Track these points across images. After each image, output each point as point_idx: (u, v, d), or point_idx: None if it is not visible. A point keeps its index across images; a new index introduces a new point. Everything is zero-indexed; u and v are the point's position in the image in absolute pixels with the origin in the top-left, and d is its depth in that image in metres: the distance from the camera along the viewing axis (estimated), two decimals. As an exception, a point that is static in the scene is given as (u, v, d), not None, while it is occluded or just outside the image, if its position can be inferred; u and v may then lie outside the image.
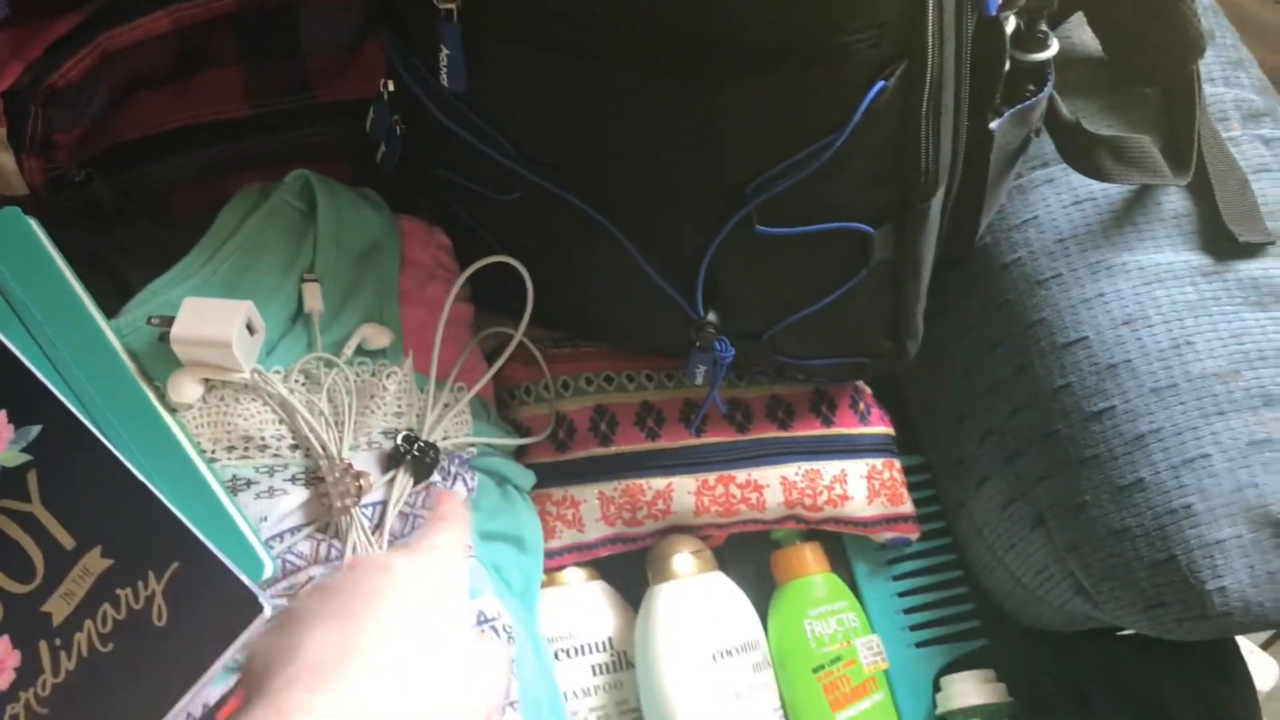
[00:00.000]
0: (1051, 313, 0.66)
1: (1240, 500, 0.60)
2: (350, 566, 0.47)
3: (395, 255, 0.64)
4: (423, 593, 0.46)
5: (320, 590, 0.46)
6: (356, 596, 0.45)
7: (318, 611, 0.44)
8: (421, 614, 0.45)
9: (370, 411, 0.60)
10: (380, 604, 0.44)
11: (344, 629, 0.43)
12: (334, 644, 0.42)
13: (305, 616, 0.44)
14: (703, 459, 0.70)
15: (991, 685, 0.70)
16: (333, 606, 0.44)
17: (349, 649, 0.42)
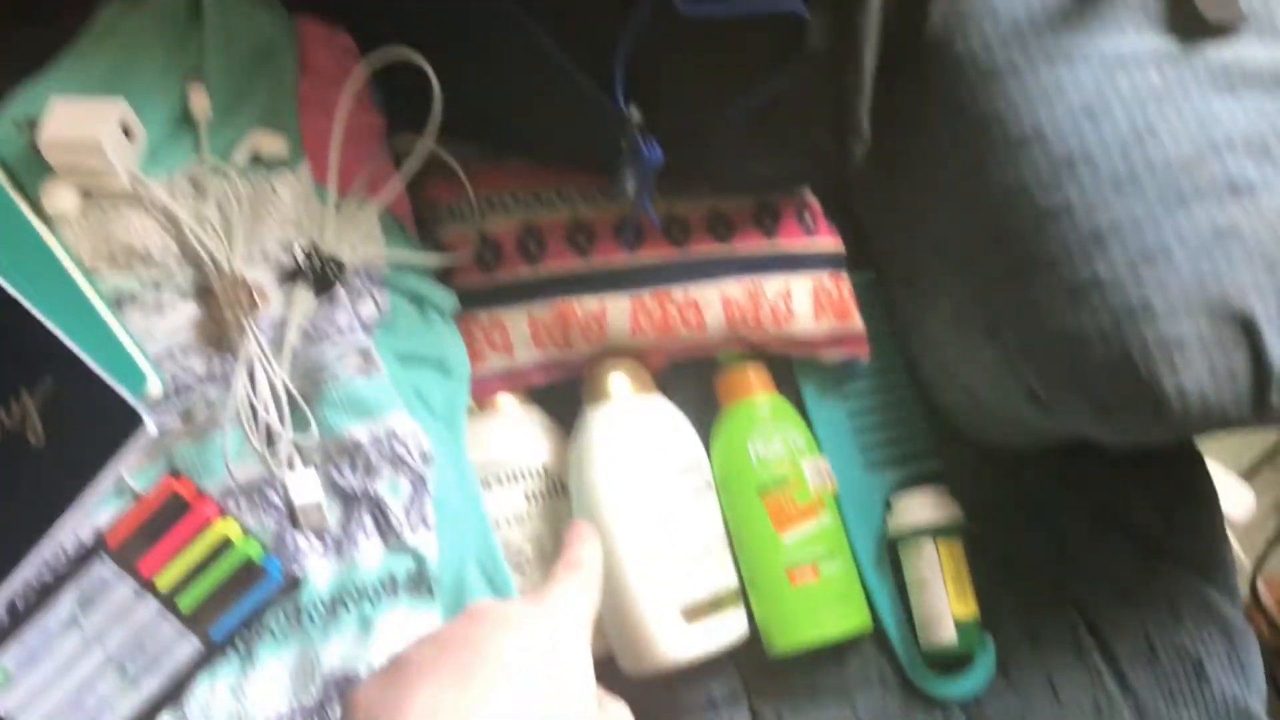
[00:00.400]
0: (1005, 107, 0.61)
1: (1202, 294, 0.56)
2: (470, 616, 0.43)
3: (292, 58, 0.60)
4: (550, 657, 0.42)
5: (438, 643, 0.42)
6: (475, 653, 0.41)
7: (429, 665, 0.40)
8: (543, 677, 0.41)
9: (263, 221, 0.56)
10: (500, 663, 0.40)
11: (461, 696, 0.39)
12: (448, 703, 0.38)
13: (418, 668, 0.40)
14: (638, 277, 0.66)
15: (943, 503, 0.67)
16: (447, 660, 0.40)
17: (463, 710, 0.38)
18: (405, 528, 0.53)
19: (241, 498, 0.53)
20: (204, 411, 0.53)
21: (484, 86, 0.62)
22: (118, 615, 0.50)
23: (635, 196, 0.61)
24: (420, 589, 0.53)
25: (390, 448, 0.54)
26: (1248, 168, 0.58)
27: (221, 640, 0.50)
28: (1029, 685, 0.66)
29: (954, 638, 0.65)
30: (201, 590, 0.50)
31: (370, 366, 0.55)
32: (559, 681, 0.41)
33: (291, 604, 0.52)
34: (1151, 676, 0.65)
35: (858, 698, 0.67)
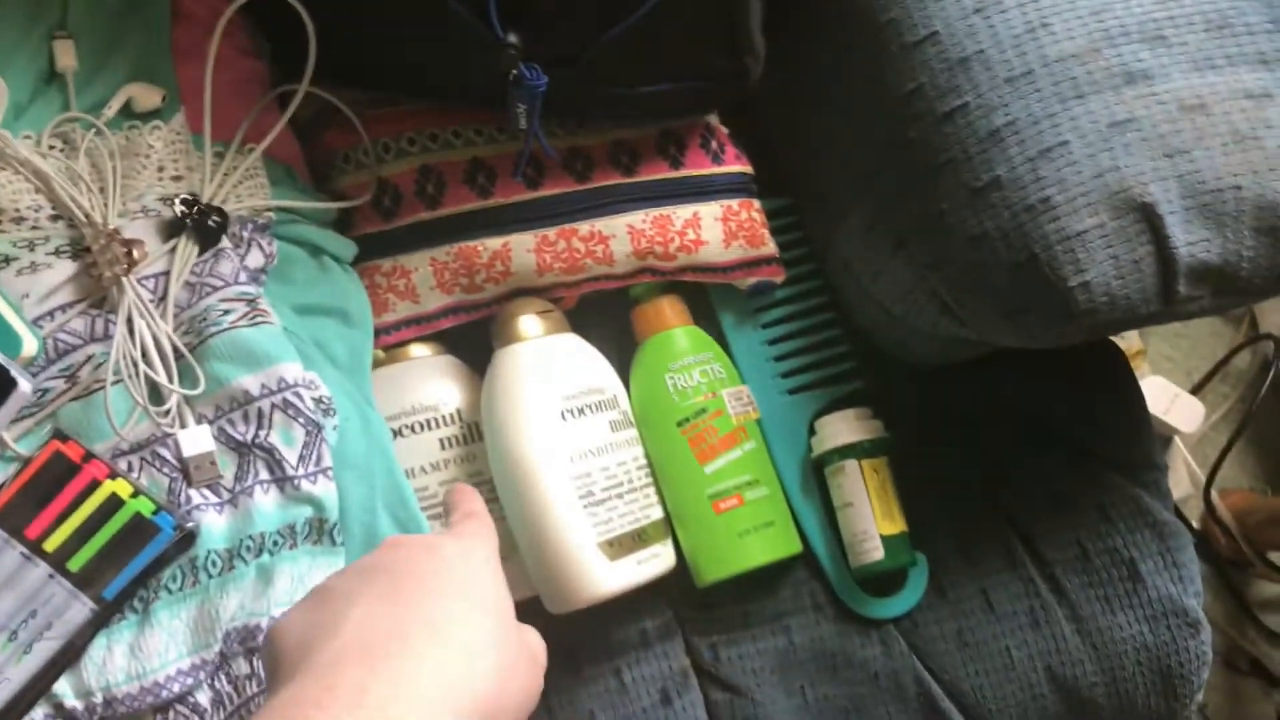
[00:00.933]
0: (899, 10, 0.60)
1: (1101, 186, 0.55)
2: (392, 545, 0.44)
3: (165, 7, 0.58)
4: (472, 576, 0.43)
5: (360, 570, 0.42)
6: (403, 576, 0.41)
7: (360, 590, 0.40)
8: (472, 597, 0.42)
9: (138, 174, 0.54)
10: (431, 584, 0.41)
11: (393, 609, 0.39)
12: (383, 624, 0.39)
13: (345, 594, 0.40)
14: (541, 213, 0.65)
15: (866, 422, 0.66)
16: (376, 587, 0.41)
17: (400, 629, 0.38)
18: (301, 476, 0.52)
19: (133, 456, 0.52)
20: (89, 372, 0.52)
21: (366, 27, 0.61)
22: (5, 581, 0.49)
23: (527, 128, 0.59)
24: (321, 537, 0.52)
25: (281, 396, 0.53)
26: (1143, 55, 0.57)
27: (115, 600, 0.49)
28: (963, 599, 0.66)
29: (881, 555, 0.64)
30: (92, 550, 0.49)
31: (258, 316, 0.54)
32: (480, 593, 0.42)
33: (188, 560, 0.51)
34: (1085, 581, 0.65)
35: (791, 623, 0.66)
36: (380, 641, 0.38)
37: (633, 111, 0.66)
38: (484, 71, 0.57)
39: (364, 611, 0.39)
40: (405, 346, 0.65)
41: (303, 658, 0.38)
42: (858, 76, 0.62)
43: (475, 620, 0.41)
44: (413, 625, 0.39)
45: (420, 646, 0.38)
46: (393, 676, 0.36)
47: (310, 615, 0.40)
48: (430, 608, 0.40)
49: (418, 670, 0.37)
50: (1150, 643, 0.64)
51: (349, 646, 0.38)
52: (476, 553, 0.45)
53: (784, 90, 0.68)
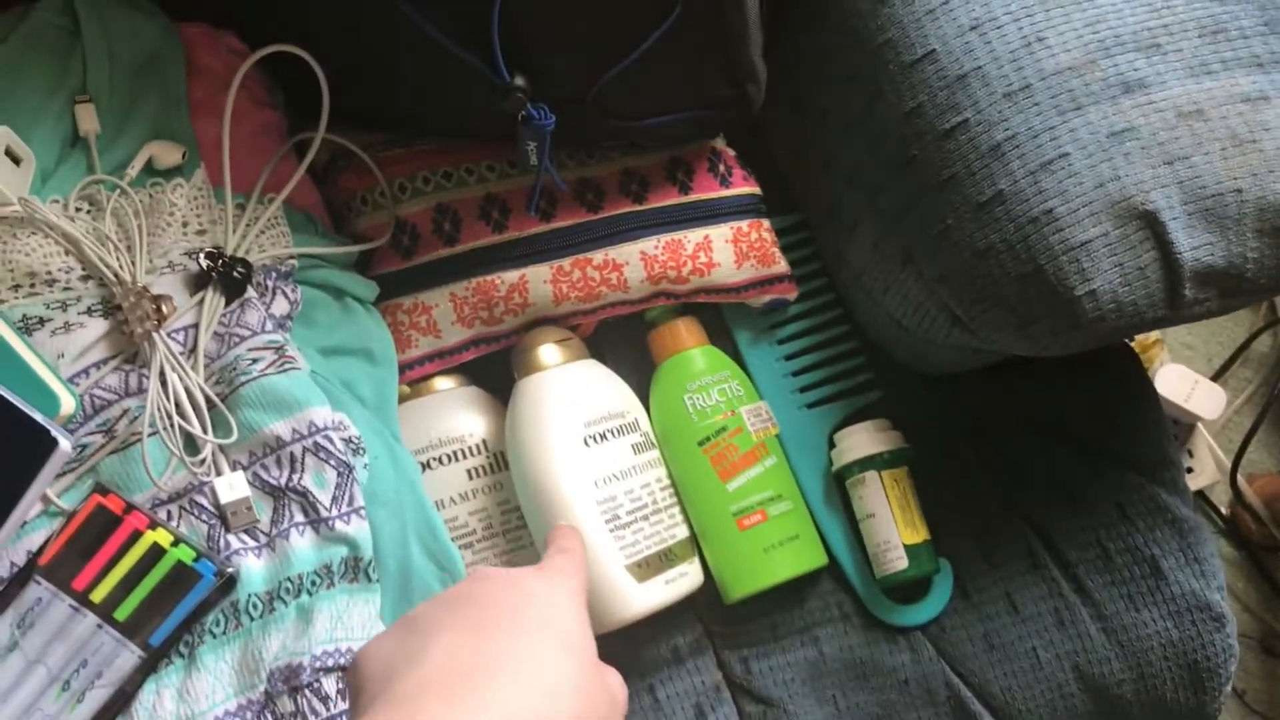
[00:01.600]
0: (896, 31, 0.61)
1: (1103, 196, 0.56)
2: (480, 578, 0.44)
3: (179, 65, 0.60)
4: (558, 614, 0.43)
5: (447, 600, 0.43)
6: (488, 609, 0.42)
7: (446, 621, 0.41)
8: (557, 636, 0.42)
9: (163, 231, 0.56)
10: (516, 620, 0.42)
11: (478, 642, 0.40)
12: (466, 656, 0.39)
13: (429, 625, 0.41)
14: (555, 244, 0.66)
15: (885, 433, 0.67)
16: (461, 618, 0.41)
17: (484, 664, 0.39)
18: (335, 517, 0.54)
19: (172, 505, 0.54)
20: (125, 426, 0.54)
21: (376, 74, 0.62)
22: (56, 633, 0.50)
23: (538, 165, 0.61)
24: (357, 575, 0.54)
25: (312, 440, 0.54)
26: (1139, 64, 0.58)
27: (161, 646, 0.51)
28: (988, 603, 0.67)
29: (906, 564, 0.65)
30: (137, 599, 0.51)
31: (286, 362, 0.55)
32: (565, 631, 0.42)
33: (229, 603, 0.52)
34: (1108, 580, 0.66)
35: (820, 634, 0.67)
36: (463, 674, 0.38)
37: (641, 141, 0.67)
38: (493, 113, 0.58)
39: (449, 642, 0.40)
40: (429, 380, 0.67)
41: (386, 686, 0.39)
42: (860, 96, 0.63)
43: (559, 660, 0.40)
44: (496, 661, 0.39)
45: (503, 683, 0.38)
46: (473, 714, 0.36)
47: (396, 643, 0.41)
48: (515, 644, 0.40)
49: (499, 708, 0.37)
50: (1176, 638, 0.65)
51: (432, 678, 0.38)
52: (563, 589, 0.45)
53: (789, 111, 0.70)
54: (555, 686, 0.39)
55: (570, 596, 0.45)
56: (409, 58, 0.59)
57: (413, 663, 0.39)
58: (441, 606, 0.42)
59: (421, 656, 0.39)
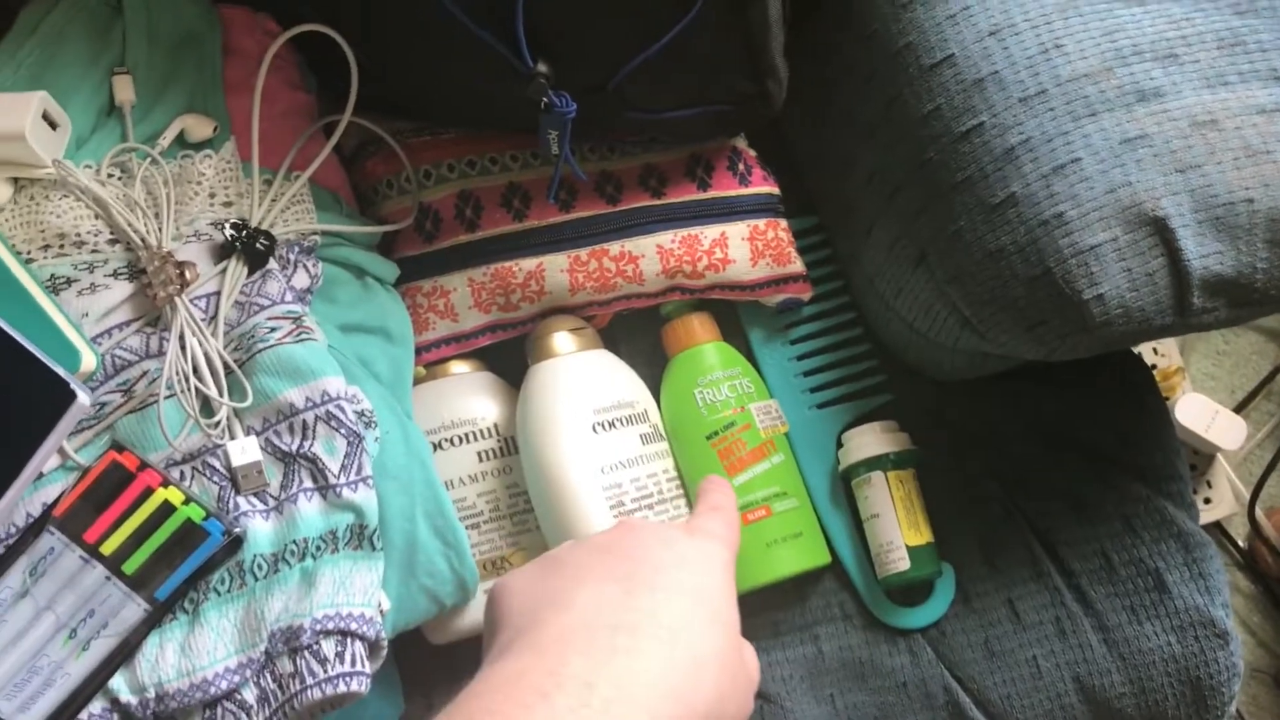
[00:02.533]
0: (917, 35, 0.62)
1: (1113, 202, 0.56)
2: (629, 528, 0.44)
3: (216, 44, 0.61)
4: (709, 582, 0.43)
5: (594, 547, 0.43)
6: (639, 565, 0.41)
7: (591, 568, 0.41)
8: (706, 604, 0.41)
9: (190, 200, 0.58)
10: (665, 580, 0.41)
11: (624, 597, 0.40)
12: (610, 609, 0.39)
13: (576, 569, 0.41)
14: (573, 234, 0.67)
15: (892, 435, 0.68)
16: (609, 569, 0.41)
17: (630, 621, 0.38)
18: (343, 484, 0.55)
19: (185, 466, 0.55)
20: (144, 386, 0.55)
21: (404, 62, 0.64)
22: (66, 582, 0.52)
23: (559, 153, 0.62)
24: (361, 542, 0.55)
25: (324, 409, 0.55)
26: (1155, 73, 0.58)
27: (167, 600, 0.52)
28: (990, 609, 0.67)
29: (908, 565, 0.65)
30: (145, 554, 0.52)
31: (303, 333, 0.57)
32: (715, 601, 0.42)
33: (235, 563, 0.53)
34: (1111, 591, 0.66)
35: (820, 632, 0.67)
36: (609, 630, 0.38)
37: (661, 135, 0.68)
38: (516, 100, 0.59)
39: (594, 592, 0.39)
40: (445, 363, 0.68)
41: (528, 625, 0.39)
42: (878, 98, 0.64)
43: (706, 630, 0.40)
44: (643, 621, 0.39)
45: (649, 647, 0.38)
46: (618, 677, 0.36)
47: (539, 581, 0.41)
48: (662, 606, 0.39)
49: (645, 673, 0.37)
50: (1179, 653, 0.65)
51: (576, 626, 0.38)
52: (716, 558, 0.44)
53: (809, 112, 0.71)
54: (702, 659, 0.39)
55: (723, 566, 0.44)
56: (437, 45, 0.60)
57: (556, 607, 0.39)
58: (588, 552, 0.42)
59: (565, 601, 0.39)
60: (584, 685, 0.35)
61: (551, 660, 0.37)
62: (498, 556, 0.64)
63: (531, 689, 0.35)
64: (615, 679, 0.36)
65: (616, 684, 0.36)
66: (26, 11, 0.59)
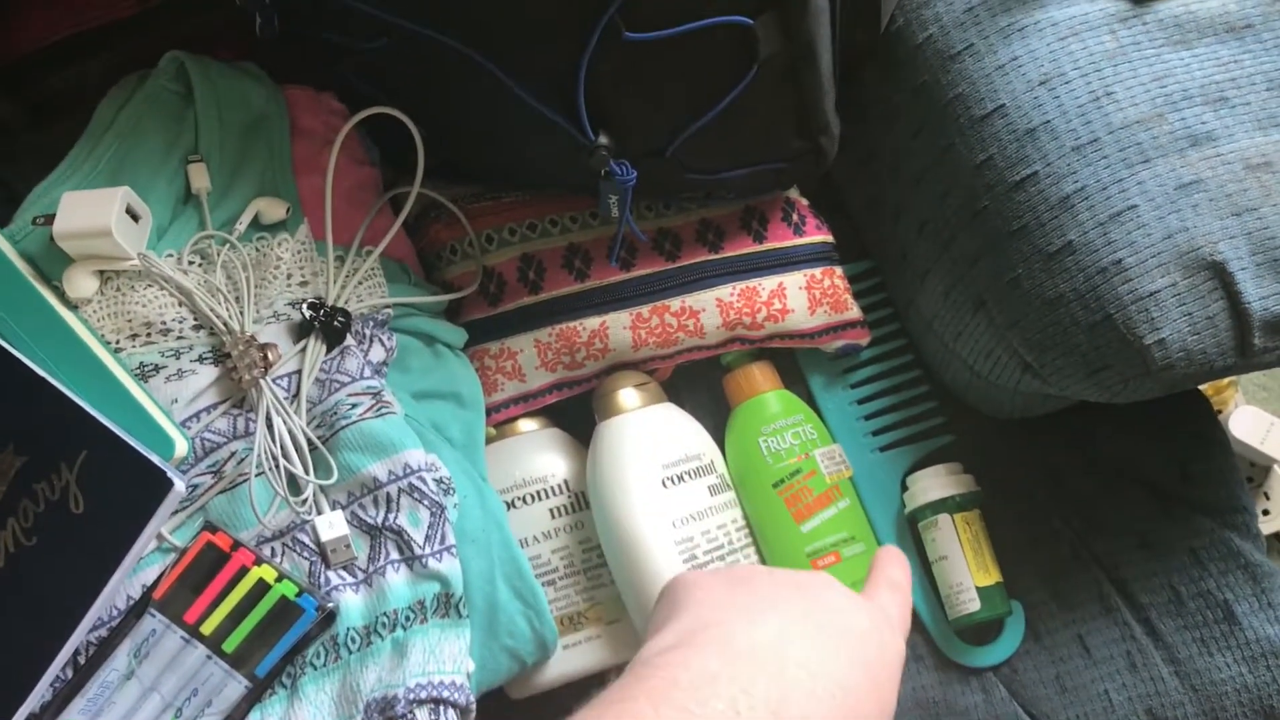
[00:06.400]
0: (967, 86, 0.63)
1: (1171, 247, 0.57)
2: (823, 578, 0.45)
3: (284, 126, 0.63)
4: (885, 665, 0.44)
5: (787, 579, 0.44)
6: (825, 609, 0.43)
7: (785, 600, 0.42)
8: (876, 685, 0.42)
9: (269, 283, 0.60)
10: (846, 628, 0.43)
11: (811, 629, 0.41)
12: (798, 637, 0.41)
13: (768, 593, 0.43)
14: (634, 292, 0.68)
15: (957, 477, 0.69)
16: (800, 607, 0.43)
17: (812, 665, 0.40)
18: (428, 555, 0.56)
19: (275, 543, 0.57)
20: (232, 467, 0.57)
21: (467, 132, 0.66)
22: (169, 663, 0.54)
23: (619, 216, 0.63)
24: (449, 611, 0.56)
25: (407, 481, 0.57)
26: (1206, 117, 0.59)
27: (266, 676, 0.54)
28: (1060, 645, 0.68)
29: (978, 606, 0.66)
30: (244, 632, 0.54)
31: (383, 407, 0.58)
32: (883, 686, 0.43)
33: (329, 637, 0.55)
34: (1181, 625, 0.66)
35: (893, 674, 0.68)
36: (795, 664, 0.39)
37: (717, 193, 0.70)
38: (578, 168, 0.61)
39: (786, 622, 0.41)
40: (514, 423, 0.70)
41: (715, 623, 0.40)
42: (930, 149, 0.65)
43: (870, 707, 0.41)
44: (822, 671, 0.39)
45: (824, 696, 0.38)
46: (798, 715, 0.37)
47: (727, 589, 0.42)
48: (843, 671, 0.40)
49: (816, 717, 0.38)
50: (1250, 683, 0.65)
51: (767, 649, 0.39)
52: (894, 647, 0.45)
53: (861, 162, 0.72)
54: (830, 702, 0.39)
55: (896, 656, 0.44)
56: (499, 118, 0.62)
57: (747, 620, 0.40)
58: (780, 582, 0.43)
59: (758, 619, 0.40)
60: (772, 713, 0.36)
61: (744, 677, 0.37)
62: (574, 612, 0.66)
63: (726, 699, 0.36)
64: (795, 715, 0.37)
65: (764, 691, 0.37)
66: (104, 104, 0.62)
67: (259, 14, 0.63)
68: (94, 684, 0.53)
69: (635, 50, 0.55)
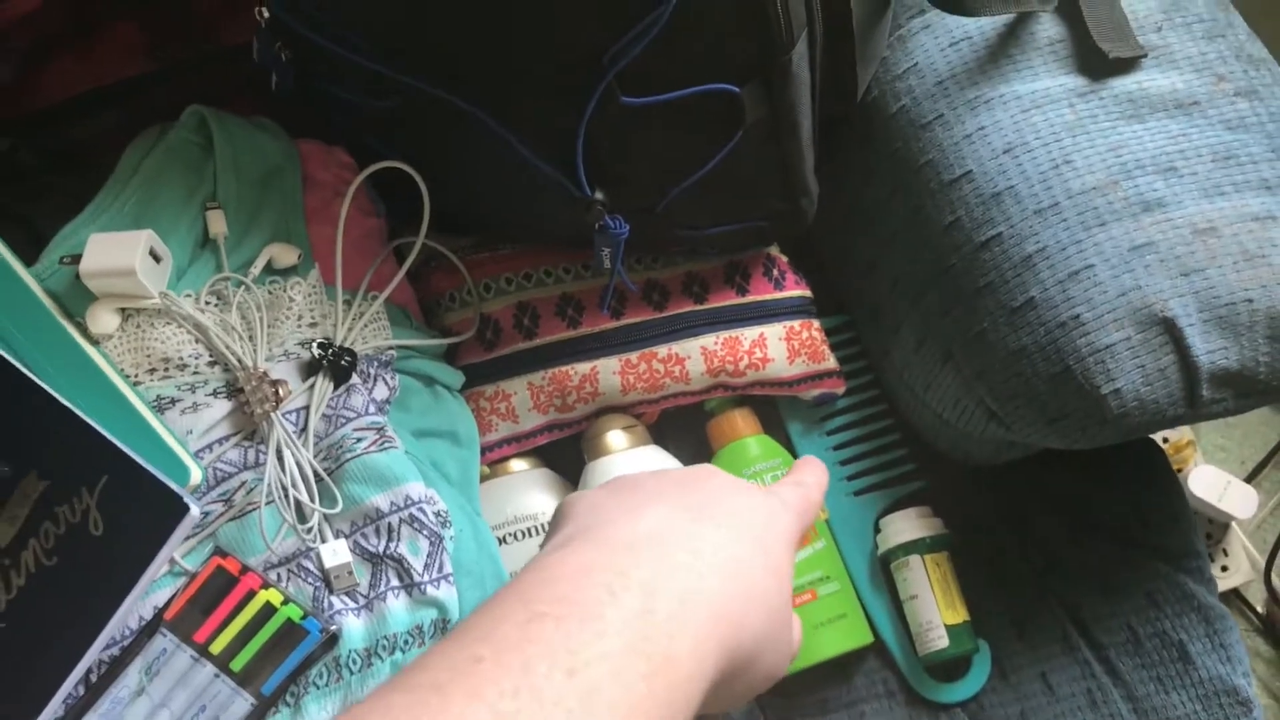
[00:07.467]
0: (937, 153, 0.68)
1: (1125, 304, 0.61)
2: (703, 469, 0.46)
3: (297, 177, 0.67)
4: (769, 533, 0.44)
5: (669, 476, 0.45)
6: (710, 500, 0.44)
7: (665, 493, 0.43)
8: (764, 549, 0.43)
9: (281, 323, 0.63)
10: (728, 512, 0.43)
11: (690, 516, 0.42)
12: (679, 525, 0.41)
13: (651, 491, 0.43)
14: (623, 340, 0.72)
15: (927, 520, 0.72)
16: (681, 497, 0.43)
17: (693, 545, 0.40)
18: (427, 582, 0.59)
19: (281, 569, 0.60)
20: (243, 496, 0.60)
21: (469, 186, 0.70)
22: (179, 680, 0.56)
23: (611, 268, 0.67)
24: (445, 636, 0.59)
25: (408, 512, 0.60)
26: (1158, 185, 0.64)
27: (271, 695, 0.56)
28: (1025, 683, 0.71)
29: (947, 643, 0.69)
30: (251, 652, 0.57)
31: (386, 442, 0.62)
32: (770, 548, 0.43)
33: (332, 658, 0.58)
34: (1138, 663, 0.70)
35: (866, 709, 0.71)
36: (674, 546, 0.39)
37: (703, 248, 0.74)
38: (573, 222, 0.65)
39: (666, 512, 0.41)
40: (506, 462, 0.73)
41: (595, 525, 0.40)
42: (902, 210, 0.70)
43: (762, 574, 0.41)
44: (706, 548, 0.40)
45: (710, 572, 0.39)
46: (681, 593, 0.38)
47: (611, 496, 0.43)
48: (726, 541, 0.41)
49: (703, 593, 0.38)
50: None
51: (645, 537, 0.40)
52: (781, 519, 0.45)
53: (837, 222, 0.76)
54: (754, 596, 0.40)
55: (785, 528, 0.45)
56: (501, 173, 0.66)
57: (628, 516, 0.41)
58: (663, 479, 0.44)
59: (637, 514, 0.41)
60: (649, 593, 0.37)
61: (622, 562, 0.38)
62: (562, 644, 0.69)
63: (600, 585, 0.36)
64: (679, 593, 0.37)
65: (680, 598, 0.37)
66: (129, 152, 0.65)
67: (275, 72, 0.67)
68: (106, 700, 0.56)
69: (631, 113, 0.60)
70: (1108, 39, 0.67)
